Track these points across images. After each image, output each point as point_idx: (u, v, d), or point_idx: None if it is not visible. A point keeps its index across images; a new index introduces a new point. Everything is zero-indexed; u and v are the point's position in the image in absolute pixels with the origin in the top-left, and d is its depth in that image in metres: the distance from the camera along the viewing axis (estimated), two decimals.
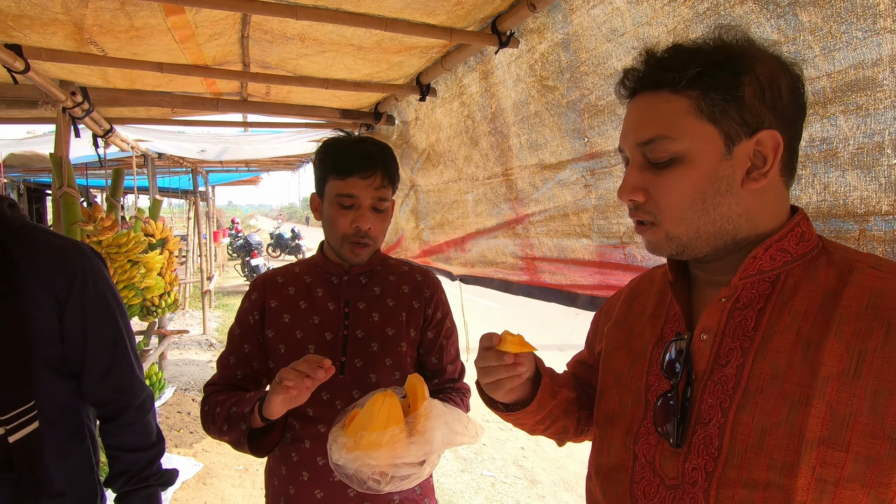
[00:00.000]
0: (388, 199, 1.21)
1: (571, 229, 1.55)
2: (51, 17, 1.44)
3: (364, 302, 1.23)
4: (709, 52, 0.62)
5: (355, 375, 1.19)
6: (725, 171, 0.62)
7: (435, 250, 2.60)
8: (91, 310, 1.06)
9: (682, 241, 0.65)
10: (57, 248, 1.05)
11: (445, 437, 0.91)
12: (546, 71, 1.47)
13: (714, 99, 0.60)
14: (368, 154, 1.16)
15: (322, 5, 1.41)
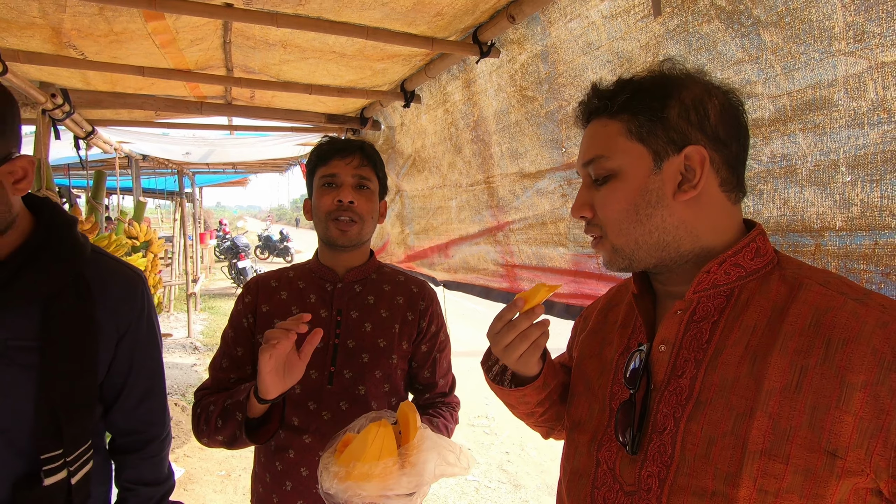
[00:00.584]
0: (371, 180, 1.23)
1: (549, 238, 1.57)
2: (27, 21, 1.43)
3: (357, 311, 1.22)
4: (639, 81, 0.68)
5: (344, 386, 1.17)
6: (655, 184, 0.66)
7: (419, 255, 2.61)
8: (143, 340, 1.03)
9: (626, 252, 0.70)
10: (124, 276, 1.01)
11: (437, 469, 0.91)
12: (526, 81, 1.49)
13: (641, 120, 0.66)
14: (348, 142, 1.23)
15: (303, 14, 1.42)
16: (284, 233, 17.05)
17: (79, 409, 0.91)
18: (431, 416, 1.21)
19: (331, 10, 1.36)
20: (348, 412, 1.17)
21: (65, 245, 0.91)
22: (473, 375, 6.29)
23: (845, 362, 0.55)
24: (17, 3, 1.33)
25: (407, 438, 0.94)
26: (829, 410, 0.55)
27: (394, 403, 1.24)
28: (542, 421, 0.94)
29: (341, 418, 1.16)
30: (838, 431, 0.54)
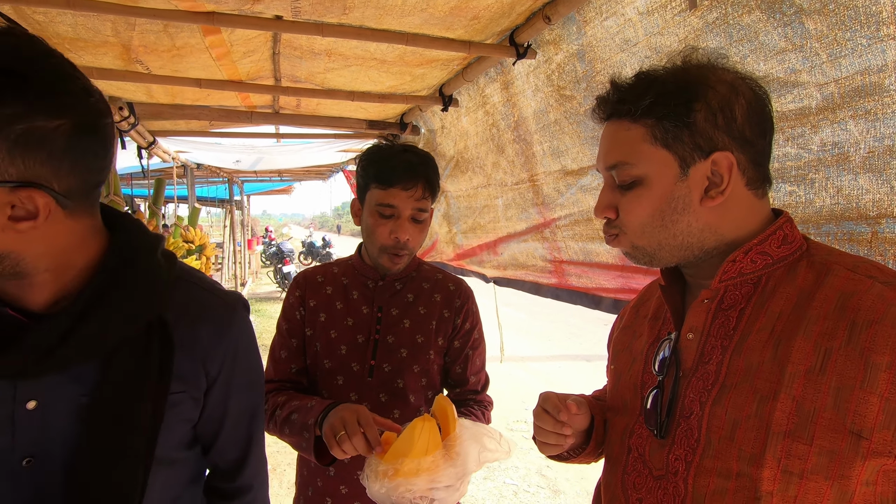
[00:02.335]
0: (428, 210, 1.21)
1: (595, 233, 1.58)
2: (102, 40, 1.57)
3: (397, 308, 1.26)
4: (663, 82, 0.66)
5: (383, 380, 1.22)
6: (681, 191, 0.66)
7: (469, 254, 2.65)
8: (239, 382, 0.85)
9: (647, 251, 0.70)
10: (216, 312, 0.82)
11: (481, 456, 0.92)
12: (563, 81, 1.50)
13: (667, 126, 0.65)
14: (411, 165, 1.16)
15: (346, 23, 1.49)
16: (326, 239, 17.54)
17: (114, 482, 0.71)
18: (463, 414, 1.23)
19: (373, 17, 1.42)
20: (387, 404, 1.22)
21: (143, 280, 0.72)
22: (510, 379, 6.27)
23: (870, 343, 0.55)
24: (94, 24, 1.46)
25: (447, 430, 0.96)
26: (854, 391, 0.55)
27: (430, 397, 1.28)
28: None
29: (381, 410, 1.20)
30: (863, 412, 0.54)
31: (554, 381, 5.57)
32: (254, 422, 0.90)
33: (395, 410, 1.22)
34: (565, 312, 9.84)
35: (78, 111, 0.60)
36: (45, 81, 0.57)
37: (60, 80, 0.59)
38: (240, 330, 0.84)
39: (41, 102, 0.57)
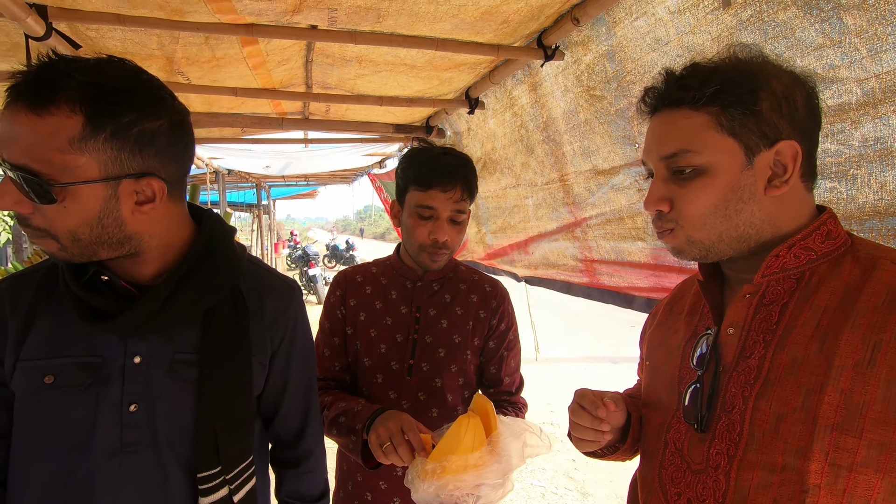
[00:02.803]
0: (466, 211, 1.23)
1: (627, 232, 1.58)
2: (148, 53, 1.65)
3: (435, 308, 1.28)
4: (726, 71, 0.66)
5: (421, 378, 1.24)
6: (747, 180, 0.66)
7: (499, 253, 2.68)
8: (298, 354, 0.98)
9: (705, 244, 0.69)
10: (279, 289, 0.96)
11: (524, 451, 0.94)
12: (593, 81, 1.51)
13: (733, 114, 0.65)
14: (450, 167, 1.18)
15: (378, 30, 1.53)
16: (350, 242, 17.79)
17: (237, 427, 0.87)
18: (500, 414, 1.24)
19: (405, 25, 1.46)
20: (426, 402, 1.24)
21: (224, 258, 0.87)
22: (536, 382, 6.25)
23: None
24: (141, 38, 1.54)
25: (489, 428, 0.97)
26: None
27: (467, 396, 1.30)
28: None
29: (419, 408, 1.23)
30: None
31: (580, 383, 5.51)
32: (311, 394, 1.03)
33: (434, 409, 1.24)
34: (592, 314, 9.73)
35: (171, 112, 0.75)
36: (145, 92, 0.72)
37: (154, 89, 0.74)
38: (297, 306, 0.98)
39: (147, 109, 0.71)
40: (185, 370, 0.83)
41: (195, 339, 0.84)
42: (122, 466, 0.80)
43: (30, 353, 0.78)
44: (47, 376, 0.77)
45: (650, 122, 0.74)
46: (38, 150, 0.66)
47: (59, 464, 0.78)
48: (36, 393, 0.78)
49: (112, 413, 0.79)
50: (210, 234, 0.86)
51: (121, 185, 0.71)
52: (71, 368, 0.78)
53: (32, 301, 0.81)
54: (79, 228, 0.71)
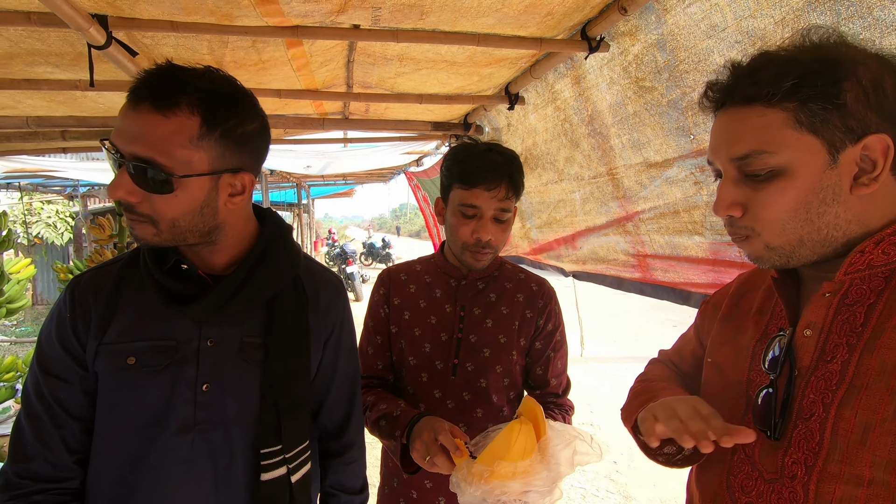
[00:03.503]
0: (510, 211, 1.20)
1: (683, 226, 1.52)
2: (199, 58, 1.71)
3: (479, 307, 1.26)
4: (804, 62, 0.60)
5: (466, 378, 1.23)
6: (831, 179, 0.61)
7: (545, 248, 2.64)
8: (345, 346, 1.04)
9: (785, 251, 0.65)
10: (330, 281, 1.04)
11: (574, 459, 0.91)
12: (641, 72, 1.46)
13: (813, 109, 0.59)
14: (495, 165, 1.15)
15: (420, 27, 1.52)
16: (386, 240, 18.05)
17: (297, 408, 0.92)
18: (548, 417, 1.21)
19: (448, 21, 1.45)
20: (471, 402, 1.23)
21: (286, 250, 0.95)
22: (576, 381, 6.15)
23: None
24: (193, 44, 1.60)
25: (539, 433, 0.95)
26: None
27: (512, 397, 1.28)
28: None
29: (464, 408, 1.22)
30: None
31: (620, 383, 5.38)
32: (355, 385, 1.09)
33: (478, 409, 1.23)
34: (633, 313, 9.48)
35: (261, 117, 0.87)
36: (246, 99, 0.84)
37: (251, 97, 0.86)
38: (345, 299, 1.07)
39: (247, 113, 0.83)
40: (252, 352, 0.90)
41: (260, 323, 0.92)
42: (193, 443, 0.86)
43: (113, 337, 0.86)
44: (130, 357, 0.85)
45: (716, 119, 0.69)
46: (164, 146, 0.74)
47: (137, 441, 0.85)
48: (119, 374, 0.85)
49: (187, 392, 0.86)
50: (273, 229, 0.95)
51: (221, 179, 0.81)
52: (150, 350, 0.86)
53: (113, 290, 0.89)
54: (182, 216, 0.80)
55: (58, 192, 7.14)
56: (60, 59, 1.70)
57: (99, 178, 4.80)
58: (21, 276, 4.63)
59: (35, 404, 0.85)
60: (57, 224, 9.62)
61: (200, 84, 0.78)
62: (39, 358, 0.87)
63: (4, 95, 2.12)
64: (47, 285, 10.01)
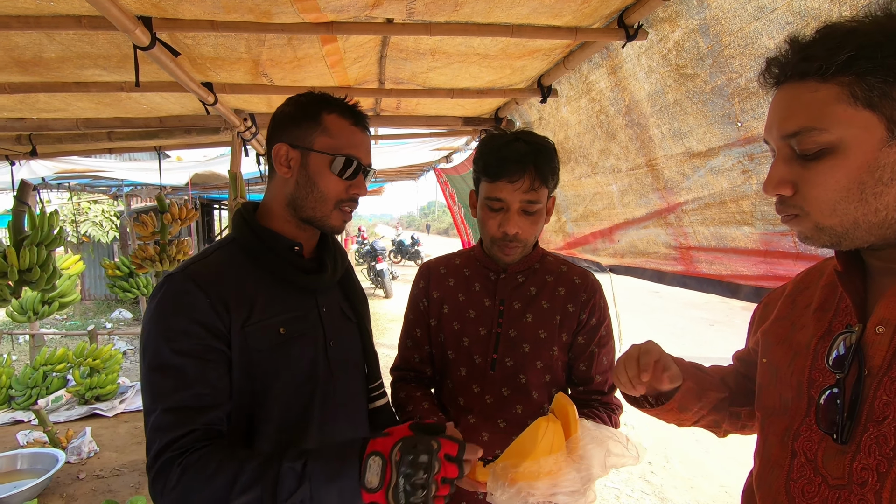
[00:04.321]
0: (540, 202, 1.15)
1: (730, 217, 1.46)
2: (237, 57, 1.75)
3: (519, 301, 1.23)
4: (864, 33, 0.57)
5: (505, 374, 1.20)
6: (888, 158, 0.57)
7: (580, 242, 2.60)
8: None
9: (837, 231, 0.61)
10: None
11: (607, 461, 0.87)
12: (683, 59, 1.41)
13: (871, 83, 0.56)
14: (518, 156, 1.11)
15: (453, 20, 1.51)
16: (415, 238, 18.18)
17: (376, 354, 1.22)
18: (587, 416, 1.14)
19: (482, 12, 1.43)
20: (510, 398, 1.20)
21: (336, 239, 1.21)
22: None
23: None
24: (231, 43, 1.63)
25: (568, 432, 0.91)
26: None
27: (554, 393, 1.25)
28: (700, 426, 0.91)
29: (503, 404, 1.20)
30: None
31: None
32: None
33: (518, 406, 1.20)
34: (667, 311, 9.24)
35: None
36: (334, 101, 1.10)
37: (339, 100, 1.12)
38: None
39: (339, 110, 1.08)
40: (348, 313, 1.17)
41: (340, 293, 1.18)
42: (336, 389, 1.08)
43: (259, 315, 0.99)
44: (281, 328, 1.01)
45: (773, 97, 0.66)
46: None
47: (295, 395, 1.02)
48: (276, 344, 1.00)
49: (322, 349, 1.07)
50: None
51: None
52: (291, 320, 1.03)
53: (234, 276, 1.01)
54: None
55: (103, 192, 7.47)
56: (108, 62, 1.77)
57: (142, 177, 5.00)
58: (71, 272, 4.87)
59: (180, 390, 0.90)
60: (103, 223, 10.09)
61: None
62: (174, 348, 0.90)
63: (56, 98, 2.23)
64: (94, 281, 10.50)
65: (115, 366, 5.01)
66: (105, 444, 4.22)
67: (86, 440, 4.03)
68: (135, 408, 4.94)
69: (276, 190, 1.08)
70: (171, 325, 0.92)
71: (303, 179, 1.04)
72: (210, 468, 0.83)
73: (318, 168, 1.03)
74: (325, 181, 1.03)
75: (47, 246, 3.52)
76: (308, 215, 1.05)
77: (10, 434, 4.13)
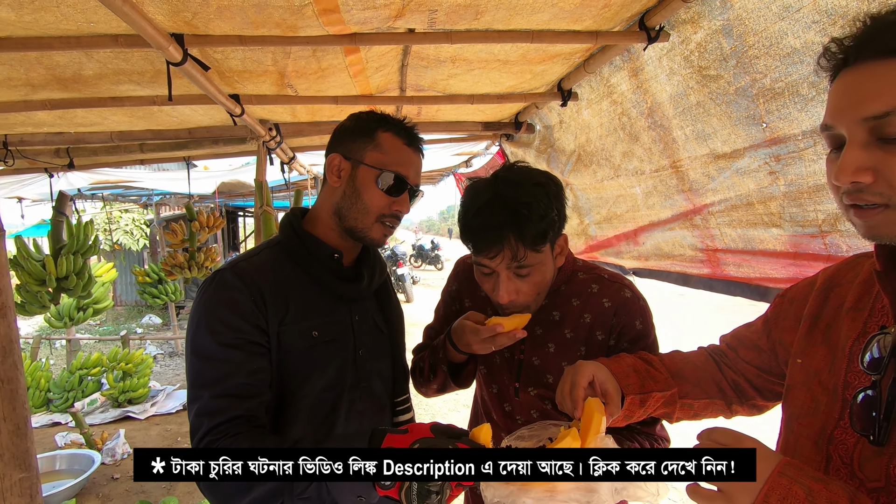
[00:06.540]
0: (533, 264, 1.00)
1: (758, 219, 1.44)
2: (263, 69, 1.80)
3: (541, 327, 1.13)
4: None
5: (530, 401, 1.15)
6: None
7: (603, 245, 2.58)
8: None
9: None
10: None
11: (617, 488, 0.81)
12: (705, 60, 1.40)
13: None
14: (493, 225, 0.97)
15: (474, 27, 1.53)
16: (435, 242, 18.26)
17: (407, 366, 1.22)
18: (622, 438, 1.07)
19: (502, 19, 1.45)
20: (540, 419, 1.15)
21: (377, 252, 1.25)
22: None
23: None
24: (258, 56, 1.69)
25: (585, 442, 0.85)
26: None
27: None
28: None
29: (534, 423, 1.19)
30: None
31: None
32: None
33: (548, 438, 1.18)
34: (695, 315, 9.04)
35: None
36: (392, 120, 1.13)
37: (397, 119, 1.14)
38: None
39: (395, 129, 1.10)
40: (381, 324, 1.19)
41: (375, 305, 1.20)
42: (361, 396, 1.10)
43: (294, 317, 1.03)
44: (314, 331, 1.04)
45: (839, 80, 0.61)
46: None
47: (321, 398, 1.05)
48: (308, 346, 1.03)
49: (350, 356, 1.10)
50: None
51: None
52: (324, 325, 1.06)
53: (274, 278, 1.04)
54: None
55: (134, 201, 7.71)
56: (141, 77, 1.85)
57: (171, 186, 5.16)
58: (105, 279, 5.06)
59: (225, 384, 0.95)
60: (133, 231, 10.42)
61: None
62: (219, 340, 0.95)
63: (93, 113, 2.33)
64: (125, 288, 10.84)
65: (146, 370, 5.17)
66: (138, 445, 4.35)
67: (120, 442, 4.16)
68: (165, 411, 5.08)
69: (325, 198, 1.12)
70: (217, 318, 0.97)
71: (350, 190, 1.07)
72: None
73: (364, 181, 1.06)
74: (369, 194, 1.06)
75: (83, 254, 3.66)
76: (350, 225, 1.08)
77: (48, 436, 4.30)
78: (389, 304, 1.23)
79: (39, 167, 3.40)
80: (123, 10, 1.17)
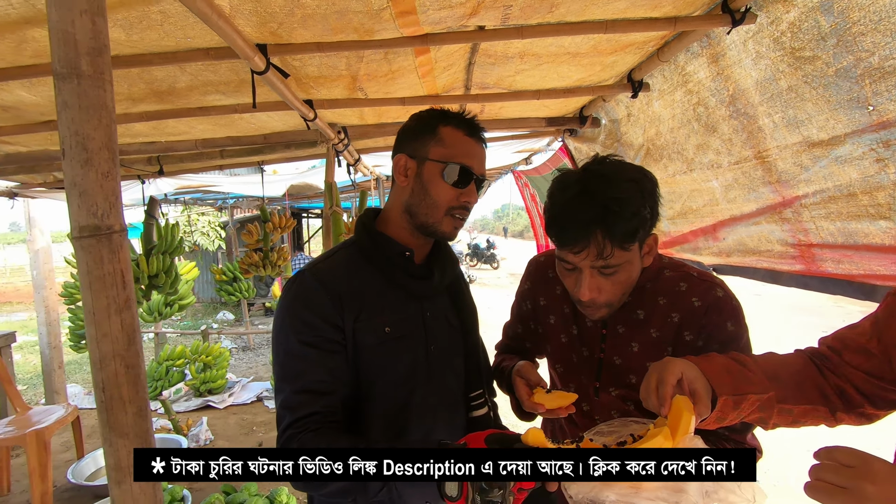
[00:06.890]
0: (620, 263, 0.95)
1: (862, 211, 1.33)
2: (337, 74, 1.88)
3: (623, 326, 1.08)
4: None
5: (610, 401, 1.11)
6: None
7: (678, 241, 2.47)
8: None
9: None
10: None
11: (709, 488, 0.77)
12: (799, 41, 1.30)
13: None
14: (580, 220, 0.92)
15: (546, 21, 1.52)
16: (490, 241, 18.19)
17: (481, 363, 1.24)
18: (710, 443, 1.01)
19: (576, 11, 1.43)
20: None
21: (449, 249, 1.26)
22: None
23: None
24: (333, 62, 1.76)
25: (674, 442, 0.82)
26: None
27: None
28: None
29: None
30: None
31: None
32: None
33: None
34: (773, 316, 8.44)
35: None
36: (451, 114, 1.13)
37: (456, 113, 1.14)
38: None
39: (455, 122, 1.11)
40: (453, 321, 1.20)
41: (447, 302, 1.22)
42: (434, 391, 1.12)
43: (369, 314, 1.06)
44: (387, 327, 1.07)
45: None
46: None
47: (395, 393, 1.08)
48: (381, 342, 1.06)
49: (423, 351, 1.12)
50: None
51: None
52: (397, 322, 1.09)
53: (350, 277, 1.09)
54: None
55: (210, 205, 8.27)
56: (227, 87, 1.98)
57: (245, 190, 5.48)
58: (188, 278, 5.46)
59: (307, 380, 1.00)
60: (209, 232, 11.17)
61: None
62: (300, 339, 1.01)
63: (182, 123, 2.52)
64: (202, 285, 11.63)
65: (224, 362, 5.53)
66: (218, 433, 4.67)
67: (203, 429, 4.48)
68: (241, 401, 5.42)
69: (394, 198, 1.16)
70: (297, 317, 1.03)
71: (417, 187, 1.10)
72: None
73: (431, 176, 1.09)
74: (436, 188, 1.08)
75: (171, 254, 3.97)
76: (421, 221, 1.11)
77: None
78: (463, 302, 1.24)
79: (134, 174, 3.73)
80: (219, 24, 1.26)
